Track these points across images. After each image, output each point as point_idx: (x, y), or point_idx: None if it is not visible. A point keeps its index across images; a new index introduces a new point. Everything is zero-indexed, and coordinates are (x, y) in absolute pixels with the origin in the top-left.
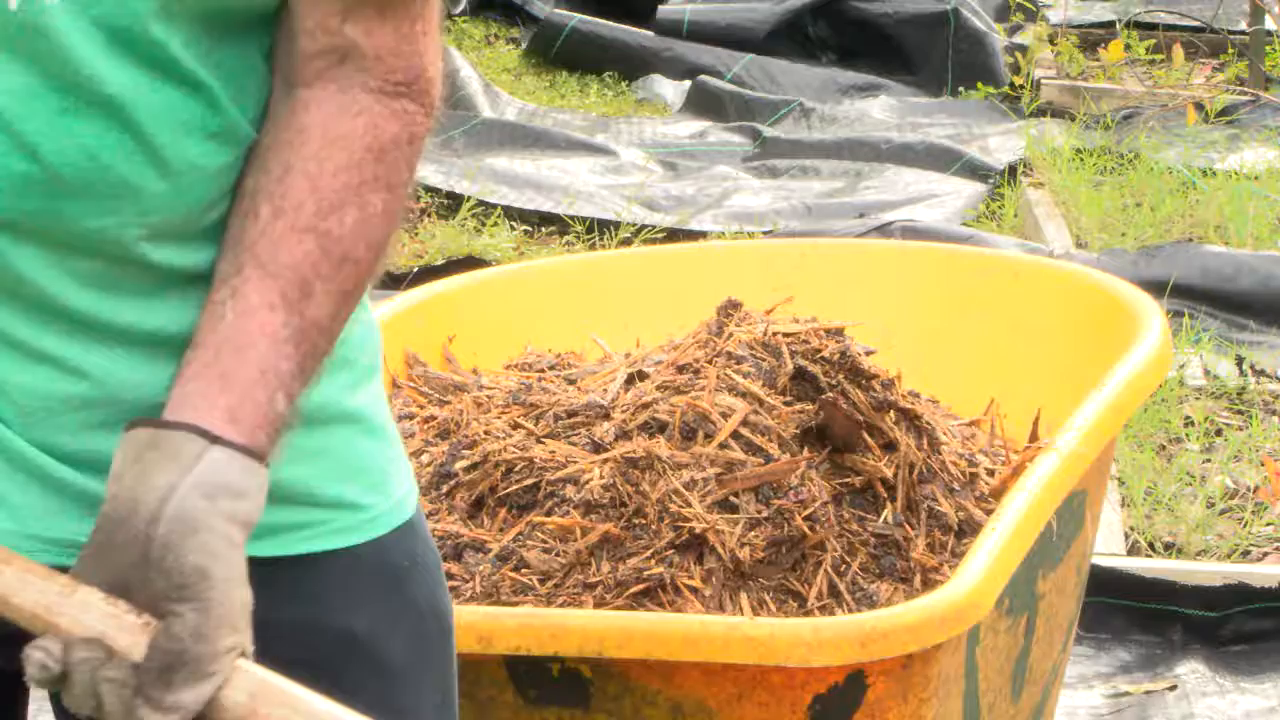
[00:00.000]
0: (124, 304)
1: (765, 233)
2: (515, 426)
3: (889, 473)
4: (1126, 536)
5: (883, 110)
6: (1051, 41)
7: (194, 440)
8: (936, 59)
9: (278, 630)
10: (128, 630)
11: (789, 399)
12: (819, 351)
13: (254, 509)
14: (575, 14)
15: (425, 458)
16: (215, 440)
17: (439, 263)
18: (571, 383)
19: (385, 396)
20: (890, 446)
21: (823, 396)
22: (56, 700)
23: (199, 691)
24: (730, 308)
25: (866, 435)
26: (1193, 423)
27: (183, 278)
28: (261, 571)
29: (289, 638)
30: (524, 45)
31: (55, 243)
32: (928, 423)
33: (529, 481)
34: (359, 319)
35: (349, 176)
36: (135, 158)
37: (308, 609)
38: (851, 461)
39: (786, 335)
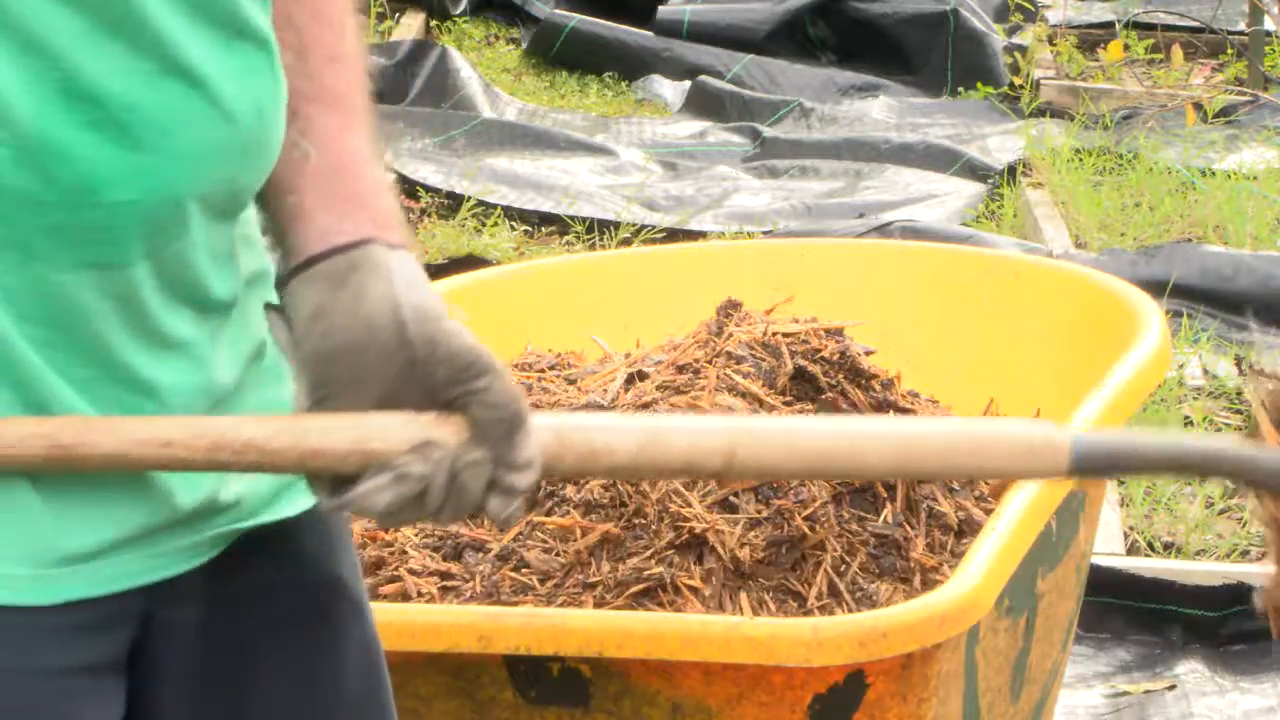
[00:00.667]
0: (222, 274)
1: (765, 233)
2: None
3: None
4: (1126, 536)
5: (882, 110)
6: (1051, 42)
7: (380, 249)
8: (936, 59)
9: (284, 588)
10: (437, 426)
11: (789, 399)
12: (819, 351)
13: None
14: (575, 14)
15: None
16: (388, 245)
17: (439, 262)
18: (571, 383)
19: None
20: None
21: (822, 397)
22: None
23: (532, 444)
24: (730, 308)
25: None
26: (1192, 422)
27: (242, 238)
28: (268, 537)
29: (295, 593)
30: (524, 45)
31: (217, 212)
32: None
33: None
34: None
35: (338, 2)
36: (278, 104)
37: (307, 564)
38: None
39: (786, 335)
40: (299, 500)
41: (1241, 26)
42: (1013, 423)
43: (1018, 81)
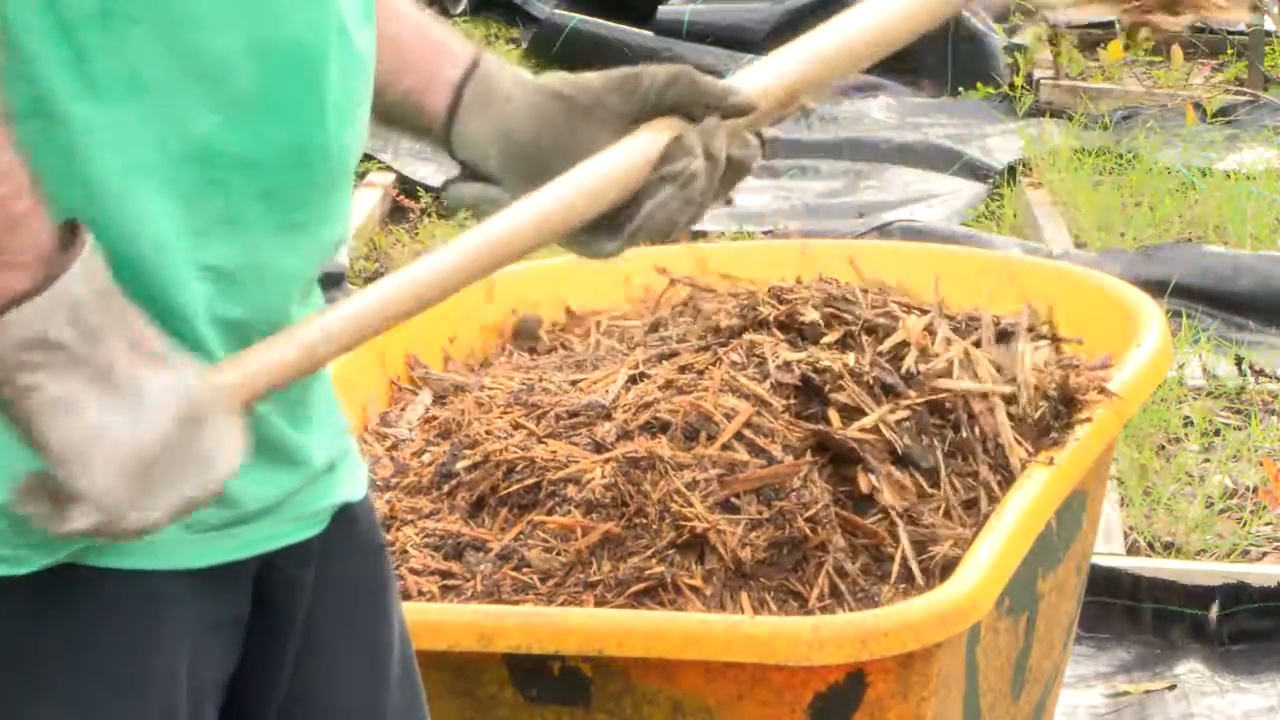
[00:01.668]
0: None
1: (765, 233)
2: (516, 426)
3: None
4: (1126, 536)
5: (882, 110)
6: (1051, 42)
7: (484, 58)
8: (936, 59)
9: (358, 555)
10: (659, 130)
11: (791, 400)
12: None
13: None
14: (575, 14)
15: (426, 457)
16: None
17: None
18: (573, 383)
19: None
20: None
21: (815, 428)
22: None
23: (720, 82)
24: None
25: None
26: (1192, 422)
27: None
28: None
29: (364, 562)
30: (524, 45)
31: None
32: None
33: (530, 481)
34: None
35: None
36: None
37: (368, 537)
38: (851, 472)
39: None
40: (360, 484)
41: (1241, 26)
42: None
43: (1018, 81)
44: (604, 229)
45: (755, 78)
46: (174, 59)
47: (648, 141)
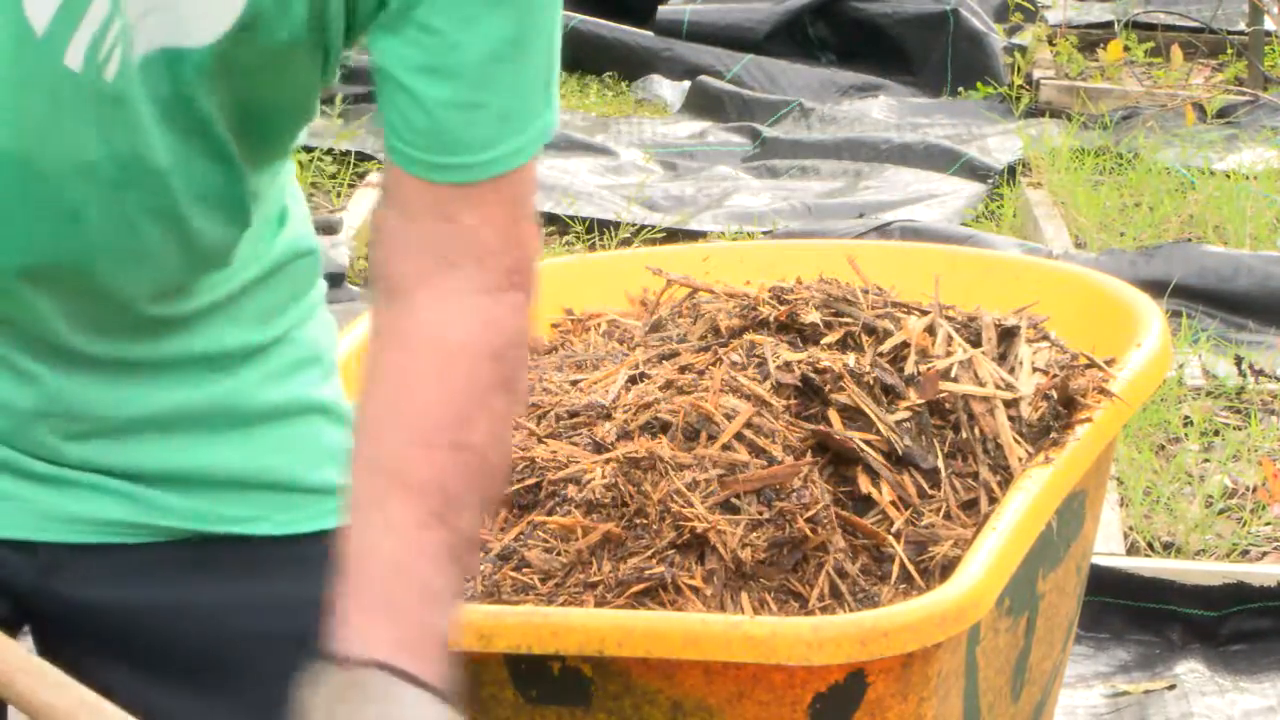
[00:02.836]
0: (102, 341)
1: (765, 233)
2: (516, 427)
3: (894, 513)
4: (1125, 536)
5: (882, 110)
6: (1050, 42)
7: (385, 680)
8: (936, 59)
9: (269, 604)
10: None
11: (791, 401)
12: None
13: None
14: (575, 14)
15: None
16: (405, 676)
17: None
18: (573, 383)
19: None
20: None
21: (815, 428)
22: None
23: None
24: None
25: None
26: (1191, 422)
27: (159, 321)
28: (256, 551)
29: (281, 611)
30: None
31: (71, 292)
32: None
33: (530, 481)
34: (321, 320)
35: (475, 383)
36: (169, 231)
37: (300, 585)
38: (852, 472)
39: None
40: (282, 523)
41: (1241, 26)
42: None
43: (1017, 81)
44: None
45: None
46: None
47: None
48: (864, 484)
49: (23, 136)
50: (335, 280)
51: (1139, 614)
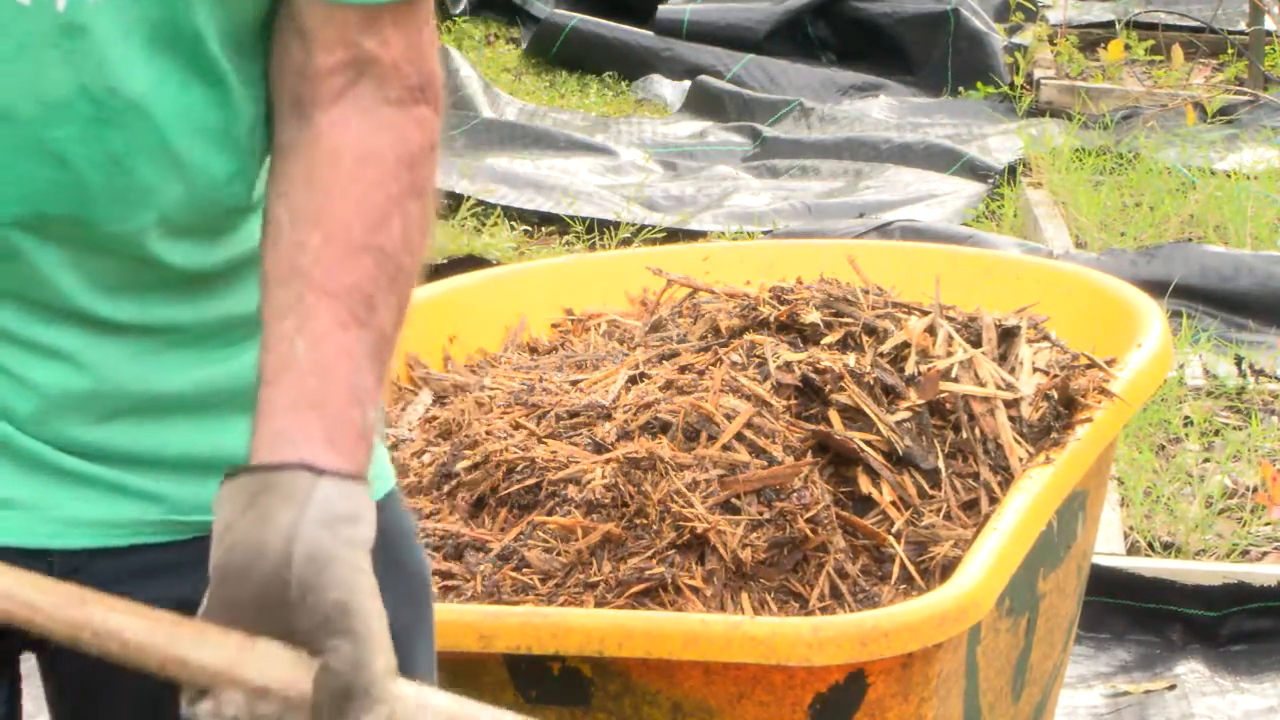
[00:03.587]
0: (126, 301)
1: (765, 233)
2: (517, 427)
3: (894, 514)
4: (1126, 536)
5: (882, 110)
6: (1051, 41)
7: (303, 476)
8: (936, 59)
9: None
10: (288, 672)
11: (791, 401)
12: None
13: (368, 531)
14: (575, 14)
15: (427, 458)
16: (321, 473)
17: (439, 262)
18: (574, 383)
19: None
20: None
21: (816, 429)
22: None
23: (376, 718)
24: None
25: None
26: (1192, 422)
27: (185, 277)
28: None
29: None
30: (524, 45)
31: (76, 243)
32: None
33: (530, 481)
34: None
35: (388, 191)
36: (158, 162)
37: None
38: (853, 473)
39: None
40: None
41: (1242, 26)
42: None
43: (1018, 81)
44: (191, 691)
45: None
46: None
47: (262, 672)
48: (864, 484)
49: None
50: None
51: (1139, 614)
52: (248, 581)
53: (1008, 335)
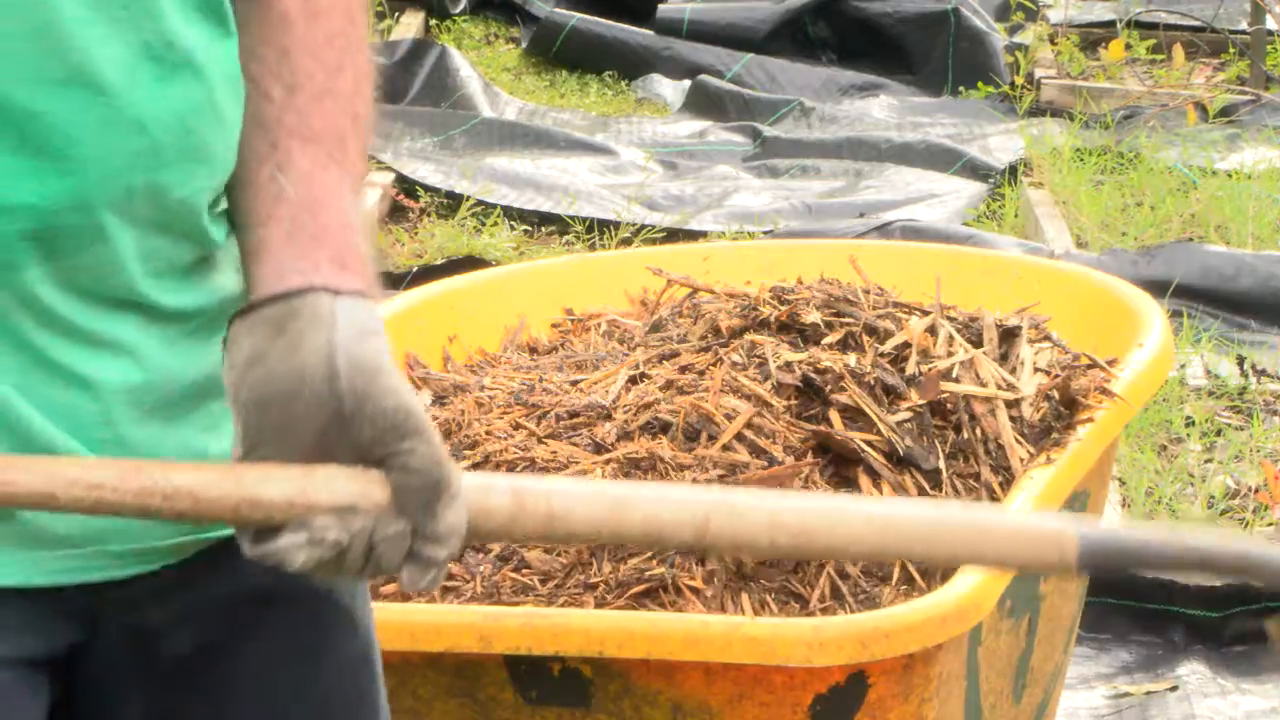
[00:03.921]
0: (172, 284)
1: (765, 233)
2: (517, 427)
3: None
4: None
5: (883, 110)
6: (1052, 41)
7: (324, 297)
8: (936, 59)
9: (266, 598)
10: (366, 487)
11: (792, 401)
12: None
13: (387, 344)
14: (575, 13)
15: None
16: (339, 293)
17: (439, 263)
18: (573, 383)
19: None
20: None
21: (816, 429)
22: None
23: (459, 511)
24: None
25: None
26: (1193, 422)
27: (208, 257)
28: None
29: (277, 604)
30: (524, 45)
31: (147, 222)
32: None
33: None
34: None
35: (336, 43)
36: (209, 118)
37: (290, 586)
38: (853, 473)
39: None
40: None
41: (1243, 26)
42: (1020, 514)
43: (1019, 81)
44: (250, 531)
45: (502, 507)
46: None
47: (342, 491)
48: (865, 484)
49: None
50: None
51: (1141, 615)
52: (295, 406)
53: (1009, 335)
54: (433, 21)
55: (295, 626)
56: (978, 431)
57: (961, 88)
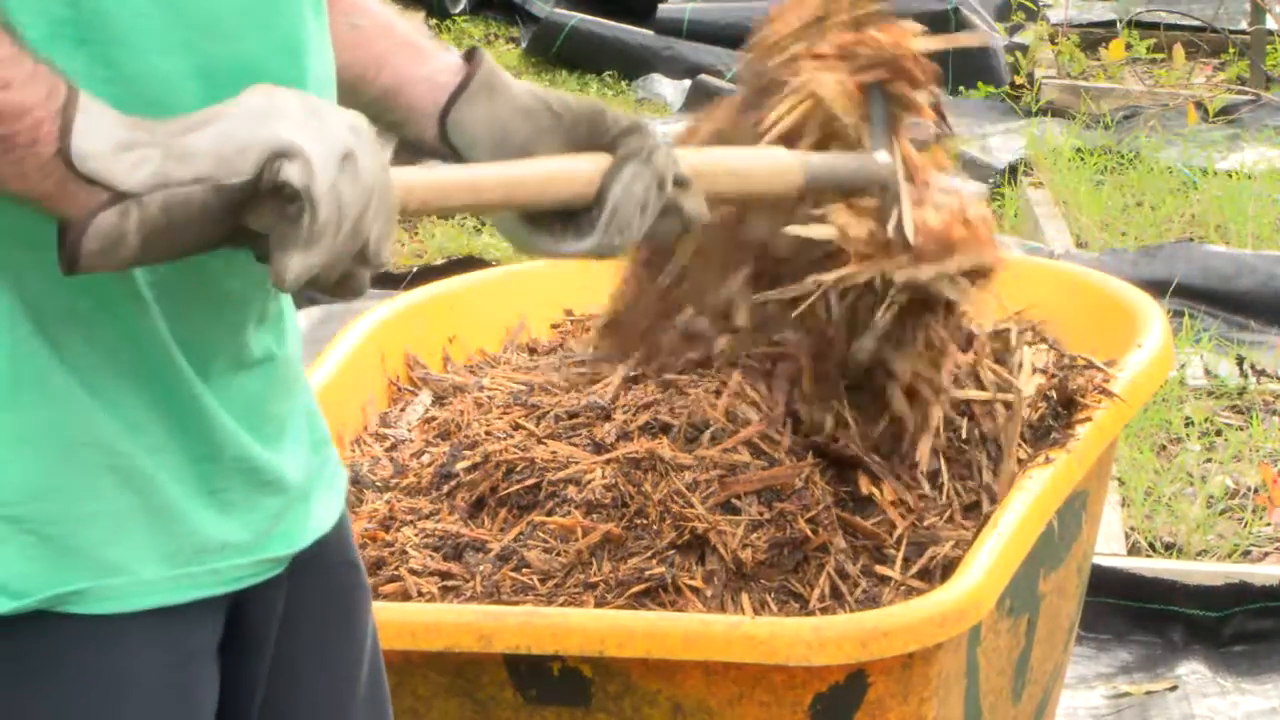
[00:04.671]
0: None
1: None
2: (516, 427)
3: (895, 516)
4: (1127, 536)
5: None
6: (1052, 41)
7: (485, 56)
8: (937, 58)
9: (338, 571)
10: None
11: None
12: None
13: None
14: (575, 13)
15: (426, 458)
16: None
17: (439, 263)
18: (573, 384)
19: None
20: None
21: (817, 438)
22: None
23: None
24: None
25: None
26: (1193, 423)
27: None
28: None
29: (338, 581)
30: (524, 45)
31: None
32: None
33: (530, 482)
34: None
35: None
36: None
37: (341, 552)
38: (852, 474)
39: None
40: (341, 491)
41: (1243, 26)
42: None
43: (1019, 81)
44: (571, 228)
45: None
46: (119, 82)
47: (601, 158)
48: (865, 485)
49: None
50: None
51: (1140, 615)
52: (570, 115)
53: (1007, 336)
54: (432, 21)
55: (338, 599)
56: (977, 432)
57: (961, 88)
